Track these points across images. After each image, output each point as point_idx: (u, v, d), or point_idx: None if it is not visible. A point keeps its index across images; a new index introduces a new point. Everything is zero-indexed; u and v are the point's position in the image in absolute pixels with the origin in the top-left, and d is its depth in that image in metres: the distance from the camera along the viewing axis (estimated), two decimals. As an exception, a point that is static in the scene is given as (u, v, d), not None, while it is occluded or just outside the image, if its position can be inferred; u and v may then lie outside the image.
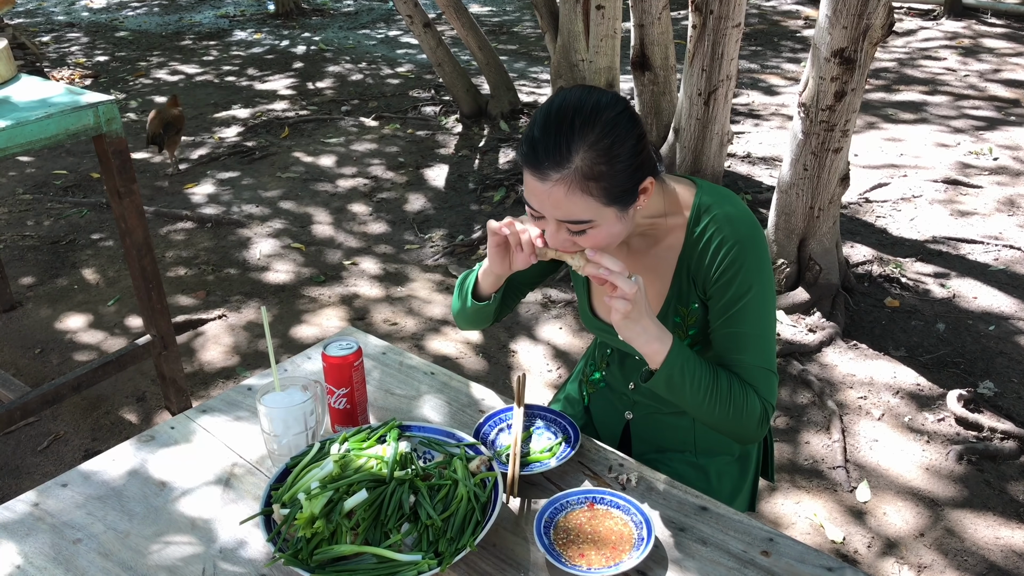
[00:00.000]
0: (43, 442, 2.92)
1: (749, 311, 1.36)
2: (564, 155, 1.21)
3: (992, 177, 4.82)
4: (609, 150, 1.22)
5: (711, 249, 1.36)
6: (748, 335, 1.37)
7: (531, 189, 1.26)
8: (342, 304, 3.76)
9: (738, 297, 1.36)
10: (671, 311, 1.44)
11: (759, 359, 1.37)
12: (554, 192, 1.23)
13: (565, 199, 1.23)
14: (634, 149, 1.25)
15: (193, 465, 1.47)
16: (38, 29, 9.59)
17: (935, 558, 2.37)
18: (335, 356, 1.46)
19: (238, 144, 5.77)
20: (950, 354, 3.25)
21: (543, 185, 1.23)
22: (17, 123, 2.21)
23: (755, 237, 1.36)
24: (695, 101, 3.65)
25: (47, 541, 1.30)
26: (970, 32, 8.05)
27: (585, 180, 1.21)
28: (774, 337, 1.40)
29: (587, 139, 1.21)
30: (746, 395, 1.36)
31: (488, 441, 1.47)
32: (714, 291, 1.38)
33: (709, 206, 1.38)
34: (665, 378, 1.32)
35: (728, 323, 1.38)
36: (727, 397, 1.34)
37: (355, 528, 1.21)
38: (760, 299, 1.36)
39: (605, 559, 1.21)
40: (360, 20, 9.79)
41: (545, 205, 1.25)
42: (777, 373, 1.40)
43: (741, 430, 1.38)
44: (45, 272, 4.10)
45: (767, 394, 1.38)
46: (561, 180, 1.22)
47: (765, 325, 1.38)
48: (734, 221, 1.36)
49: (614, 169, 1.23)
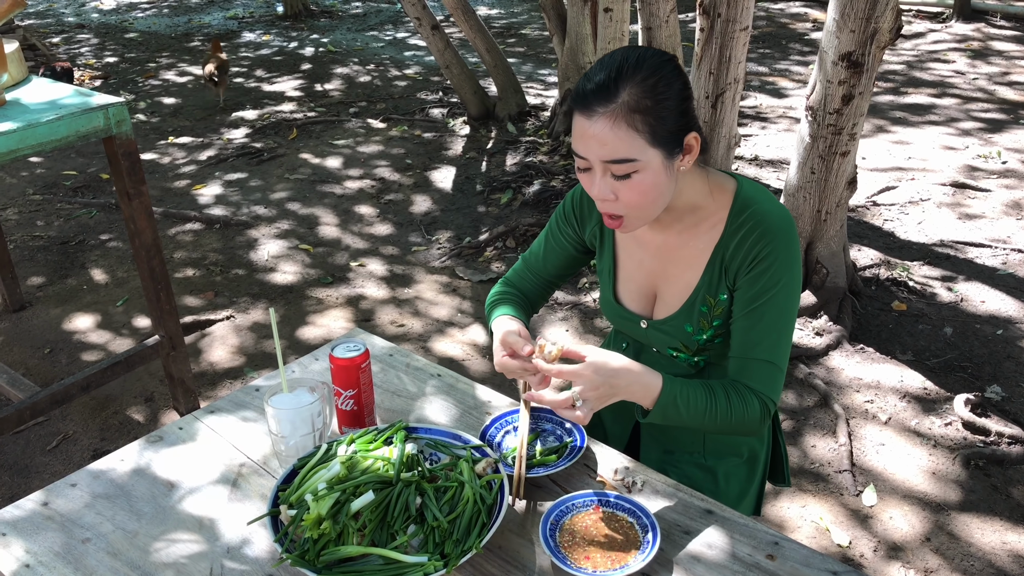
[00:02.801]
0: (52, 441, 2.94)
1: (772, 305, 1.38)
2: (611, 91, 1.26)
3: (1000, 180, 4.81)
4: (654, 88, 1.26)
5: (748, 240, 1.38)
6: (766, 328, 1.38)
7: (579, 132, 1.30)
8: (349, 305, 3.77)
9: (765, 290, 1.37)
10: (699, 300, 1.45)
11: (769, 354, 1.39)
12: (600, 127, 1.26)
13: (611, 133, 1.26)
14: (680, 94, 1.29)
15: (201, 465, 1.48)
16: (48, 30, 9.64)
17: (941, 563, 2.36)
18: (342, 358, 1.47)
19: (246, 145, 5.79)
20: (957, 358, 3.25)
21: (590, 122, 1.27)
22: (28, 125, 2.22)
23: (791, 235, 1.38)
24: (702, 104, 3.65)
25: (56, 540, 1.31)
26: (979, 35, 8.03)
27: (631, 113, 1.25)
28: (791, 335, 1.42)
29: (634, 78, 1.26)
30: (744, 401, 1.38)
31: (494, 443, 1.48)
32: (744, 282, 1.39)
33: (750, 199, 1.40)
34: (660, 414, 1.35)
35: (749, 314, 1.39)
36: (726, 410, 1.37)
37: (362, 529, 1.22)
38: (785, 295, 1.38)
39: (611, 562, 1.22)
40: (368, 22, 9.81)
41: (591, 145, 1.28)
42: (784, 370, 1.42)
43: (742, 430, 1.41)
44: (54, 272, 4.12)
45: (769, 390, 1.39)
46: (607, 114, 1.25)
47: (785, 322, 1.39)
48: (773, 216, 1.38)
49: (659, 106, 1.26)
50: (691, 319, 1.46)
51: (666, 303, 1.50)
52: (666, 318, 1.49)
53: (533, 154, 5.34)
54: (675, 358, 1.53)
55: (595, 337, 3.45)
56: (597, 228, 1.58)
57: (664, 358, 1.56)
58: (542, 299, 1.72)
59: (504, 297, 1.65)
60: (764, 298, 1.37)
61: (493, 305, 1.64)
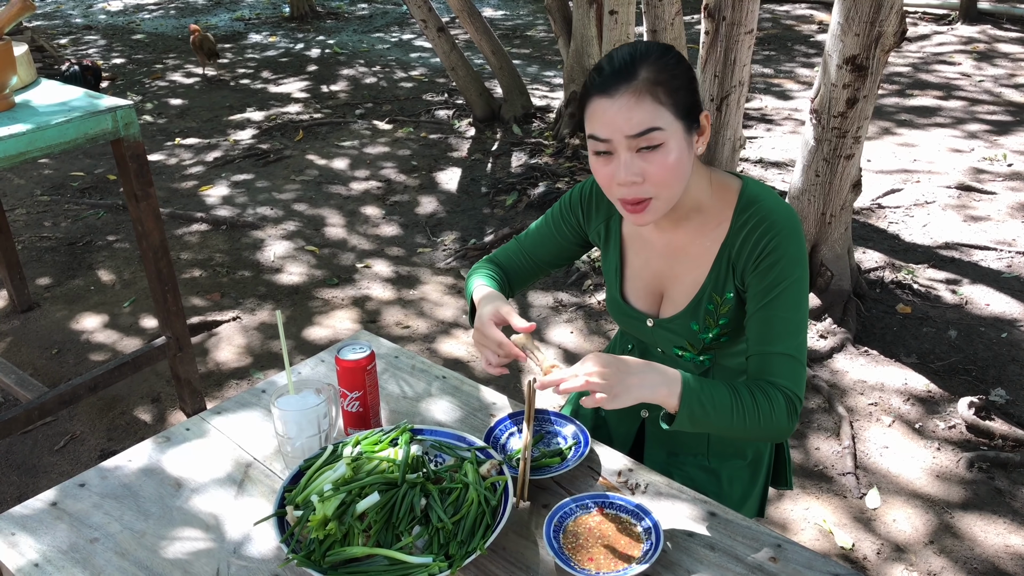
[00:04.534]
0: (60, 442, 2.96)
1: (785, 298, 1.38)
2: (631, 70, 1.30)
3: (1006, 183, 4.80)
4: (668, 65, 1.32)
5: (755, 236, 1.39)
6: (783, 320, 1.38)
7: (600, 114, 1.32)
8: (354, 306, 3.78)
9: (777, 283, 1.38)
10: (705, 298, 1.46)
11: (789, 347, 1.38)
12: (624, 104, 1.29)
13: (636, 107, 1.29)
14: (688, 72, 1.35)
15: (207, 466, 1.49)
16: (56, 32, 9.68)
17: (945, 565, 2.37)
18: (348, 360, 1.48)
19: (252, 147, 5.81)
20: (962, 361, 3.25)
21: (612, 102, 1.30)
22: (38, 127, 2.24)
23: (797, 231, 1.39)
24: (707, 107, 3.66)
25: (65, 539, 1.33)
26: (985, 37, 8.02)
27: (653, 86, 1.30)
28: (806, 332, 1.42)
29: (649, 57, 1.32)
30: (768, 397, 1.36)
31: (499, 445, 1.49)
32: (753, 277, 1.40)
33: (755, 197, 1.42)
34: (688, 415, 1.32)
35: (766, 307, 1.39)
36: (753, 409, 1.34)
37: (367, 530, 1.23)
38: (796, 289, 1.39)
39: (614, 563, 1.23)
40: (374, 24, 9.83)
41: (616, 122, 1.30)
42: (805, 365, 1.41)
43: (773, 430, 1.38)
44: (62, 273, 4.15)
45: (794, 385, 1.38)
46: (630, 91, 1.29)
47: (799, 315, 1.39)
48: (779, 213, 1.39)
49: (676, 80, 1.32)
50: (697, 317, 1.47)
51: (672, 301, 1.51)
52: (672, 316, 1.50)
53: (538, 156, 5.35)
54: (681, 357, 1.54)
55: (600, 338, 3.46)
56: (603, 226, 1.59)
57: (670, 359, 1.57)
58: (523, 283, 1.74)
59: (487, 272, 1.68)
60: (776, 291, 1.38)
61: (476, 275, 1.67)
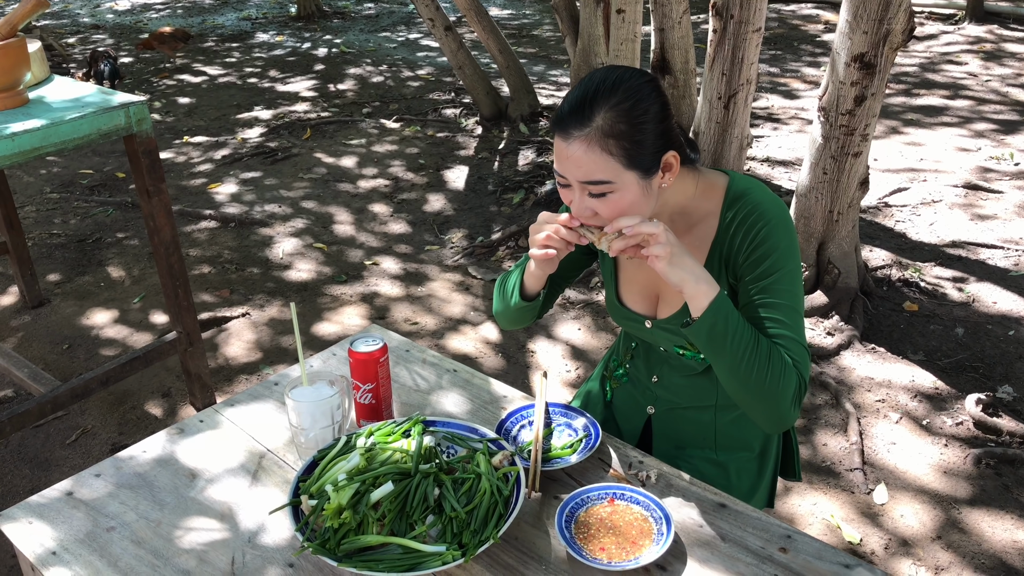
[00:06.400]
0: (71, 435, 2.98)
1: (782, 285, 1.38)
2: (586, 115, 1.28)
3: (1013, 182, 4.80)
4: (629, 112, 1.28)
5: (744, 229, 1.39)
6: (783, 306, 1.38)
7: (558, 153, 1.33)
8: (363, 303, 3.80)
9: (771, 271, 1.38)
10: None
11: (791, 330, 1.37)
12: (576, 150, 1.29)
13: (586, 156, 1.28)
14: (657, 116, 1.30)
15: (222, 457, 1.50)
16: (64, 31, 9.72)
17: (952, 559, 2.37)
18: (362, 352, 1.49)
19: (261, 145, 5.83)
20: (969, 358, 3.25)
21: (567, 144, 1.30)
22: (51, 123, 2.26)
23: (787, 221, 1.40)
24: (715, 105, 3.66)
25: (81, 528, 1.34)
26: (992, 37, 8.00)
27: (605, 138, 1.27)
28: (803, 319, 1.42)
29: (609, 102, 1.28)
30: (784, 364, 1.34)
31: (510, 437, 1.50)
32: (745, 268, 1.40)
33: (742, 192, 1.42)
34: (709, 325, 1.31)
35: (763, 293, 1.39)
36: (766, 360, 1.32)
37: (381, 519, 1.24)
38: (791, 278, 1.39)
39: (625, 553, 1.24)
40: (381, 23, 9.85)
41: (568, 166, 1.31)
42: (808, 350, 1.40)
43: (775, 403, 1.34)
44: (72, 269, 4.17)
45: (802, 368, 1.37)
46: (583, 138, 1.28)
47: (797, 302, 1.40)
48: (767, 205, 1.40)
49: (634, 130, 1.28)
50: None
51: (668, 303, 1.52)
52: (669, 317, 1.51)
53: (545, 154, 5.36)
54: (682, 355, 1.55)
55: (607, 335, 3.47)
56: None
57: (672, 356, 1.58)
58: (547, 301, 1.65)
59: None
60: (772, 277, 1.38)
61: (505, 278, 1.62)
